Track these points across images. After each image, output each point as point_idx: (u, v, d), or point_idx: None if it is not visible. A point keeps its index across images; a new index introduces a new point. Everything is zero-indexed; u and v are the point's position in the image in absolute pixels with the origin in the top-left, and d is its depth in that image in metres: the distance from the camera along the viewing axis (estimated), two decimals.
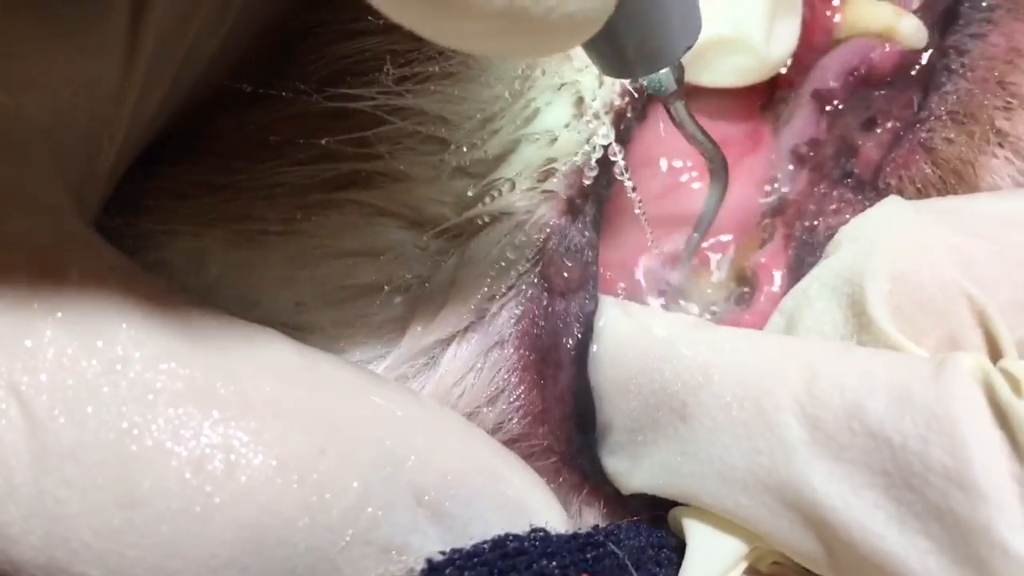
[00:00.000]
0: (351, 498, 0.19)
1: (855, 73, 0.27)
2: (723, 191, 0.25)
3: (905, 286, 0.22)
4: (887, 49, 0.27)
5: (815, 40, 0.27)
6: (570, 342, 0.24)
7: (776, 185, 0.27)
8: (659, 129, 0.26)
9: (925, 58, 0.27)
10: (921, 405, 0.19)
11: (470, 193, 0.24)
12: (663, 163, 0.26)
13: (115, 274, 0.20)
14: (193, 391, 0.19)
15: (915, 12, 0.27)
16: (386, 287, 0.24)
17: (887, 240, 0.23)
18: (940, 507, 0.18)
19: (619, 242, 0.26)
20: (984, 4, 0.26)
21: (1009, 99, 0.25)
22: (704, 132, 0.24)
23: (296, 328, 0.24)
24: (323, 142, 0.23)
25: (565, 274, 0.24)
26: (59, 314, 0.18)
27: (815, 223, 0.26)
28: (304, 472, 0.19)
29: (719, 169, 0.25)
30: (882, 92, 0.27)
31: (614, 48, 0.20)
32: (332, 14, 0.24)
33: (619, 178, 0.24)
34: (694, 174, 0.27)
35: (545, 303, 0.24)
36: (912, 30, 0.27)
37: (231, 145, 0.24)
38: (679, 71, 0.22)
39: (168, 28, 0.21)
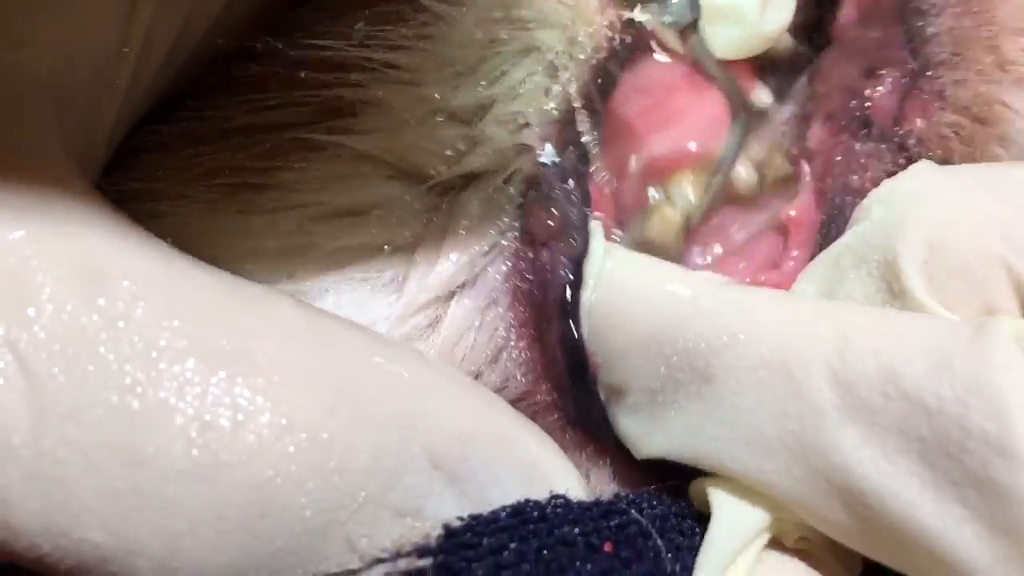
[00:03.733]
0: (363, 459, 0.19)
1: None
2: None
3: (941, 255, 0.21)
4: None
5: None
6: (558, 292, 0.23)
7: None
8: (640, 70, 0.26)
9: None
10: (960, 369, 0.18)
11: (452, 145, 0.24)
12: (644, 91, 0.26)
13: (117, 233, 0.19)
14: (198, 348, 0.18)
15: None
16: (382, 248, 0.24)
17: (921, 207, 0.22)
18: (979, 475, 0.17)
19: (604, 175, 0.25)
20: None
21: (988, 27, 0.24)
22: None
23: (294, 294, 0.23)
24: (302, 74, 0.23)
25: (549, 222, 0.24)
26: (59, 271, 0.18)
27: (846, 180, 0.25)
28: (314, 431, 0.18)
29: None
30: (863, 35, 0.26)
31: None
32: None
33: (580, 128, 0.24)
34: (671, 92, 0.26)
35: (531, 256, 0.24)
36: None
37: (207, 93, 0.24)
38: None
39: None
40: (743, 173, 0.26)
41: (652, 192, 0.26)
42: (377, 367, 0.20)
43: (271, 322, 0.20)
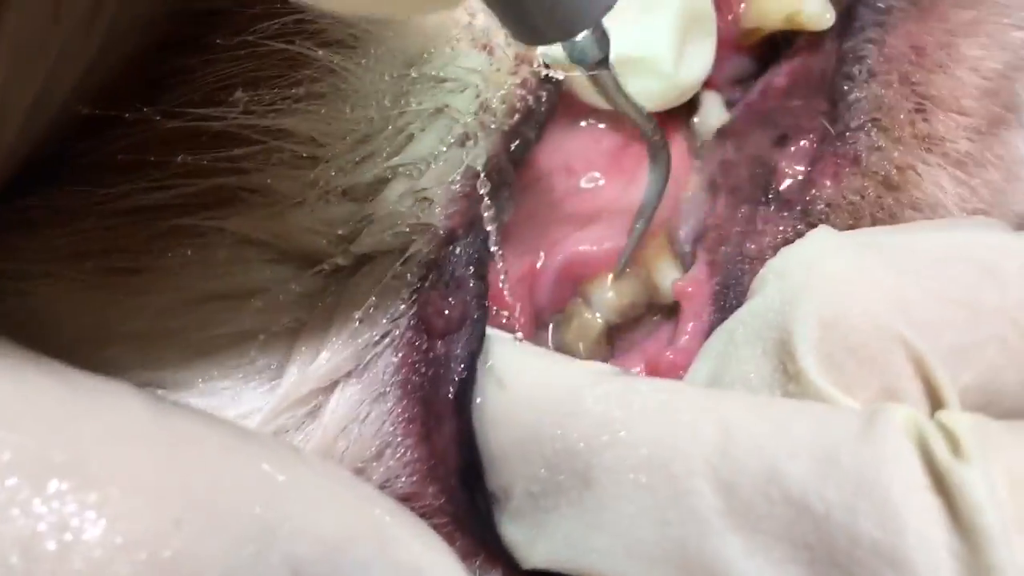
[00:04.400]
0: None
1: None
2: (665, 172, 0.24)
3: (836, 333, 0.20)
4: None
5: (723, 35, 0.26)
6: (452, 390, 0.22)
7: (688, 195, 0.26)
8: (562, 139, 0.25)
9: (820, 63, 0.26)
10: (847, 468, 0.17)
11: (344, 225, 0.22)
12: (566, 169, 0.25)
13: None
14: (24, 461, 0.16)
15: None
16: (260, 335, 0.22)
17: (816, 280, 0.21)
18: None
19: (515, 265, 0.24)
20: (880, 5, 0.25)
21: (920, 100, 0.24)
22: (637, 106, 0.23)
23: (159, 385, 0.22)
24: (178, 159, 0.21)
25: (446, 312, 0.22)
26: None
27: (741, 247, 0.24)
28: (155, 549, 0.17)
29: (657, 147, 0.23)
30: (785, 105, 0.26)
31: (519, 8, 0.18)
32: (209, 34, 0.22)
33: (484, 214, 0.22)
34: (597, 175, 0.25)
35: (425, 347, 0.22)
36: (817, 10, 0.25)
37: (82, 170, 0.22)
38: (603, 39, 0.20)
39: (23, 54, 0.19)
40: (669, 277, 0.25)
41: (571, 295, 0.25)
42: (236, 469, 0.19)
43: (114, 425, 0.18)
